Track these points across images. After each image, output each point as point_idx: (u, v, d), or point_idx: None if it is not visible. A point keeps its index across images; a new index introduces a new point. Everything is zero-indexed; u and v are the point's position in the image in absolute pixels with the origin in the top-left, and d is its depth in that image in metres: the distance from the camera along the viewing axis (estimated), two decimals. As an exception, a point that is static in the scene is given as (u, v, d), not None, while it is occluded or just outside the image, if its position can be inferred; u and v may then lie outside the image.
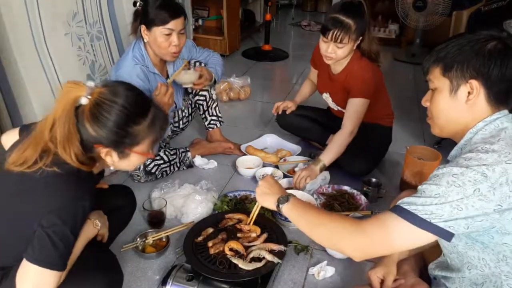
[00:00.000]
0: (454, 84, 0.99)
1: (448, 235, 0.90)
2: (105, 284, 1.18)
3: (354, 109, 1.98)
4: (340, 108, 2.20)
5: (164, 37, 1.84)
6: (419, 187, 0.95)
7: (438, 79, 1.02)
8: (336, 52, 1.90)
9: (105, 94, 1.07)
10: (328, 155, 1.96)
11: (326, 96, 2.25)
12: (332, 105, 2.26)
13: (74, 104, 1.06)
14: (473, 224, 0.88)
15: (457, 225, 0.88)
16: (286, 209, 1.16)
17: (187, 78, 2.02)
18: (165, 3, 1.84)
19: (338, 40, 1.84)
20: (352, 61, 2.01)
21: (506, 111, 0.99)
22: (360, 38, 1.92)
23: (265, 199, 1.26)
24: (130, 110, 1.08)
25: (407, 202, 0.93)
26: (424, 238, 0.91)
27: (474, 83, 0.96)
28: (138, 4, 1.86)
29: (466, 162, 0.90)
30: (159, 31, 1.83)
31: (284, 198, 1.18)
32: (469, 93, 0.98)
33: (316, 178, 1.98)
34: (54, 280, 1.04)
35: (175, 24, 1.83)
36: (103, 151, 1.11)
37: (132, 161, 1.17)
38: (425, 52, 4.23)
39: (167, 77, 2.06)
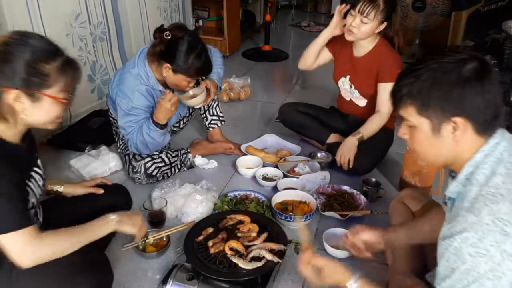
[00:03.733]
0: (435, 122, 0.90)
1: None
2: (92, 285, 1.19)
3: (388, 94, 2.00)
4: (356, 94, 2.20)
5: (186, 82, 1.89)
6: (443, 264, 0.86)
7: (414, 118, 0.93)
8: (360, 27, 1.95)
9: (12, 35, 1.07)
10: (367, 130, 2.08)
11: (343, 81, 2.24)
12: (347, 91, 2.25)
13: None
14: None
15: None
16: None
17: (197, 101, 2.04)
18: (200, 60, 1.82)
19: (365, 14, 1.90)
20: (378, 45, 2.07)
21: (501, 131, 0.91)
22: (385, 23, 1.97)
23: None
24: (39, 48, 1.07)
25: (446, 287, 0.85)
26: None
27: (459, 120, 0.87)
28: (165, 34, 1.79)
29: (476, 219, 0.81)
30: (183, 78, 1.86)
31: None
32: (454, 128, 0.89)
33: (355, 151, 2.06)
34: (26, 238, 1.06)
35: (201, 77, 1.95)
36: (12, 94, 1.05)
37: (46, 107, 1.10)
38: (424, 53, 4.24)
39: (172, 91, 2.07)
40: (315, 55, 2.23)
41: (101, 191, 1.52)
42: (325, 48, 2.25)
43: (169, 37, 1.80)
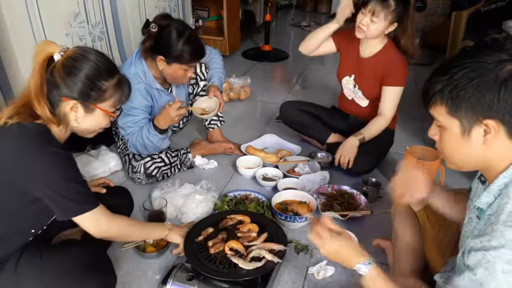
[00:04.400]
0: (465, 124, 0.86)
1: None
2: (96, 286, 1.21)
3: (393, 98, 2.07)
4: (360, 94, 2.20)
5: (183, 71, 1.89)
6: (469, 277, 0.81)
7: (444, 118, 0.89)
8: (369, 26, 1.94)
9: (78, 51, 1.17)
10: (369, 132, 2.09)
11: (347, 80, 2.24)
12: (350, 90, 2.25)
13: (46, 59, 1.13)
14: None
15: None
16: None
17: (212, 115, 2.15)
18: (191, 44, 1.82)
19: (375, 14, 1.90)
20: (386, 48, 2.06)
21: None
22: (396, 24, 1.96)
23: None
24: (100, 66, 1.18)
25: None
26: None
27: (490, 123, 0.83)
28: (151, 26, 1.79)
29: None
30: (178, 67, 1.86)
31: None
32: (485, 131, 0.85)
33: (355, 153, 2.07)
34: (100, 214, 1.21)
35: (196, 63, 1.94)
36: (69, 104, 1.16)
37: (96, 118, 1.23)
38: (425, 53, 4.24)
39: (170, 90, 2.08)
40: (319, 43, 2.20)
41: (104, 190, 1.56)
42: (330, 39, 2.21)
43: (155, 29, 1.80)
